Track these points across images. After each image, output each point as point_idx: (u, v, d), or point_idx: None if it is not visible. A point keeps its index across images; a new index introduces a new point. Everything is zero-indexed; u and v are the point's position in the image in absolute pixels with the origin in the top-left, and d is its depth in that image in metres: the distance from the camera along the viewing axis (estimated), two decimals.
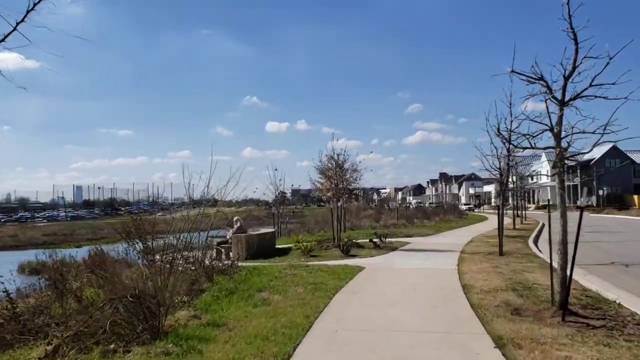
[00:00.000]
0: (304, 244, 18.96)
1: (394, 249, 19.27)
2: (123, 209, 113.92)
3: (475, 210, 78.42)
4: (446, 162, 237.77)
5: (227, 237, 18.97)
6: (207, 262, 13.52)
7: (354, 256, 17.13)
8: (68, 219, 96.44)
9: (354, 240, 20.57)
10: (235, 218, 19.19)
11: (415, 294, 10.04)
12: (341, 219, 25.55)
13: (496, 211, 61.64)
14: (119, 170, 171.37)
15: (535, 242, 23.27)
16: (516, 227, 30.76)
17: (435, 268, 13.54)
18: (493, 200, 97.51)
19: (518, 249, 18.64)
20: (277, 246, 21.12)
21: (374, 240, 19.92)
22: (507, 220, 44.92)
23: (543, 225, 35.73)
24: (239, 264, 16.96)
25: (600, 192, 62.39)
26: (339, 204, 21.40)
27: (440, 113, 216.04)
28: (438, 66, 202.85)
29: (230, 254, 18.11)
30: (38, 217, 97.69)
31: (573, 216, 8.42)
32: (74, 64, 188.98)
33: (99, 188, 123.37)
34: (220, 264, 13.56)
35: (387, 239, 22.17)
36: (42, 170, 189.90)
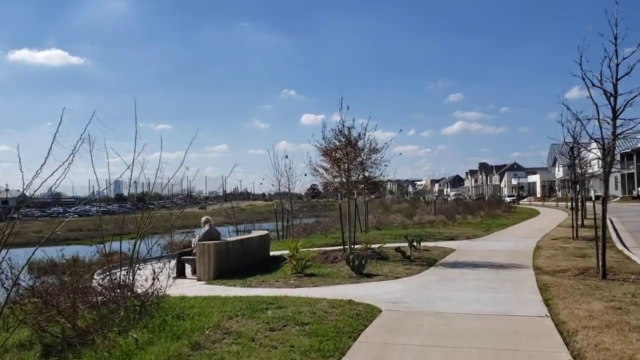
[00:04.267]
0: (299, 252, 13.01)
1: (432, 262, 13.02)
2: (155, 202, 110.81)
3: (520, 202, 70.74)
4: (485, 153, 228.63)
5: (192, 244, 13.16)
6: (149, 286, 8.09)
7: (369, 277, 11.04)
8: (99, 213, 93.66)
9: (374, 248, 14.44)
10: (204, 218, 13.28)
11: None
12: (357, 216, 19.64)
13: (544, 203, 54.21)
14: (156, 165, 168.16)
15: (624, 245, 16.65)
16: (584, 224, 23.93)
17: (510, 315, 7.25)
18: (538, 190, 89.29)
19: (618, 262, 12.14)
20: (273, 253, 15.21)
21: (402, 249, 13.71)
22: (560, 215, 37.97)
23: (611, 221, 28.70)
24: (199, 286, 11.24)
25: None
26: (353, 198, 15.32)
27: (481, 102, 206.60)
28: (481, 54, 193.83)
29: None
30: (70, 212, 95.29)
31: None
32: (115, 59, 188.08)
33: (134, 182, 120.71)
34: (135, 301, 7.81)
35: (421, 244, 16.01)
36: (80, 165, 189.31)
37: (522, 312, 7.36)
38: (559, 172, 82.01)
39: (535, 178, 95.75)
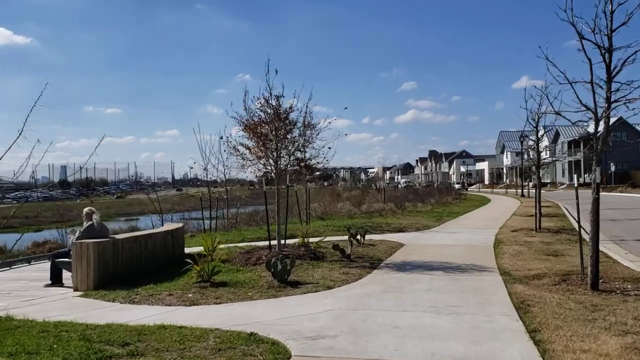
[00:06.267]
0: (217, 250, 10.20)
1: (376, 263, 10.40)
2: (100, 188, 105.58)
3: (469, 189, 69.64)
4: (436, 141, 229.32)
5: (69, 243, 10.09)
6: None
7: (295, 286, 8.31)
8: (40, 199, 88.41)
9: (312, 243, 11.77)
10: (86, 210, 10.17)
11: None
12: (298, 205, 17.14)
13: (493, 190, 52.92)
14: (106, 149, 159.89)
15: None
16: (541, 212, 21.84)
17: None
18: (487, 177, 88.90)
19: (600, 262, 9.64)
20: (193, 250, 12.23)
21: (342, 246, 11.03)
22: (512, 203, 36.31)
23: (567, 210, 26.96)
24: (68, 300, 8.35)
25: (613, 169, 53.63)
26: (287, 185, 12.53)
27: (434, 91, 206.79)
28: (436, 44, 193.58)
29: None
30: (8, 198, 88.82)
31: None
32: (63, 40, 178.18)
33: (80, 167, 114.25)
34: None
35: (366, 237, 13.49)
36: (27, 149, 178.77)
37: (501, 356, 4.74)
38: (507, 160, 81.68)
39: (483, 165, 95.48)
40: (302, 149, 11.29)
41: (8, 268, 12.09)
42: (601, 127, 7.86)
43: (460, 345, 5.06)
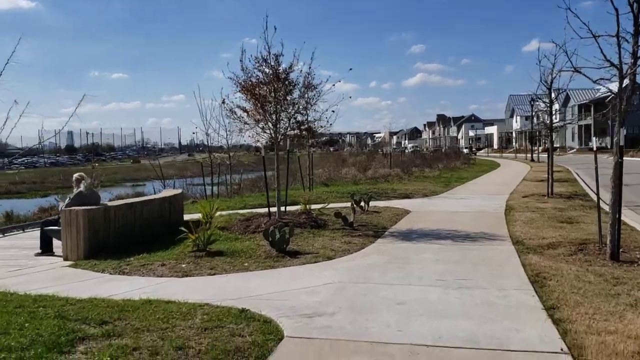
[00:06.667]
0: (215, 217, 9.80)
1: (380, 231, 9.90)
2: (107, 154, 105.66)
3: (477, 154, 68.71)
4: (444, 105, 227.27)
5: (59, 210, 9.64)
6: None
7: (294, 256, 7.84)
8: (47, 165, 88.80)
9: (315, 210, 11.29)
10: (75, 176, 9.70)
11: None
12: (300, 171, 16.67)
13: (502, 154, 52.17)
14: (113, 115, 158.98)
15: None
16: (553, 177, 21.16)
17: (498, 349, 4.11)
18: (495, 142, 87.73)
19: (628, 234, 8.90)
20: (192, 216, 11.74)
21: (344, 214, 10.52)
22: (522, 167, 35.67)
23: (578, 175, 26.18)
24: (57, 270, 7.98)
25: (624, 133, 52.62)
26: (287, 150, 11.97)
27: (442, 54, 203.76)
28: (445, 5, 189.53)
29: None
30: (16, 164, 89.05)
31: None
32: (67, 3, 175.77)
33: (87, 133, 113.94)
34: None
35: (371, 203, 12.99)
36: (33, 115, 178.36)
37: (517, 337, 4.25)
38: (517, 124, 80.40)
39: (492, 129, 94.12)
40: (303, 112, 10.66)
41: (2, 235, 11.75)
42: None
43: (471, 324, 4.57)
